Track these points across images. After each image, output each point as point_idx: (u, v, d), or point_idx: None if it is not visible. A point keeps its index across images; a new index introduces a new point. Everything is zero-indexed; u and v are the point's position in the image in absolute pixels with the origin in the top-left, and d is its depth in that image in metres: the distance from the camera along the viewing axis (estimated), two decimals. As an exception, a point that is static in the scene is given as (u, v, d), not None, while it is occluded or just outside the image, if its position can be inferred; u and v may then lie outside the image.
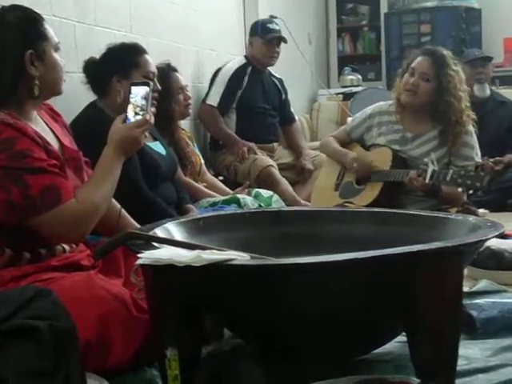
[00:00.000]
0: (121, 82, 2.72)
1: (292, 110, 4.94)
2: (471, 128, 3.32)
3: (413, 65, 3.29)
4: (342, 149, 3.56)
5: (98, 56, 2.83)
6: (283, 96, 4.83)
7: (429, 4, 7.07)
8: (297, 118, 5.50)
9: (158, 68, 3.45)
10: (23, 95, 1.95)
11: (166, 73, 3.50)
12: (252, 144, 4.37)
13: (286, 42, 4.69)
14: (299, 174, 4.57)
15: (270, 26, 4.63)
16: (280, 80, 4.85)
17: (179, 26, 4.27)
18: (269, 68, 4.75)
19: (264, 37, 4.56)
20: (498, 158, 3.57)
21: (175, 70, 3.57)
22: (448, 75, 3.24)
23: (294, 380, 1.76)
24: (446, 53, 3.34)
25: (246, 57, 4.65)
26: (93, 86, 2.82)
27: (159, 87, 2.80)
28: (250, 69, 4.57)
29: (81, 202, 1.90)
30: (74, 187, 1.95)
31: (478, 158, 3.32)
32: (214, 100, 4.43)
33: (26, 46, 1.93)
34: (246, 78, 4.55)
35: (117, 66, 2.75)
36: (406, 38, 6.94)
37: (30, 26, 1.96)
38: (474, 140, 3.33)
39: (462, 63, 4.67)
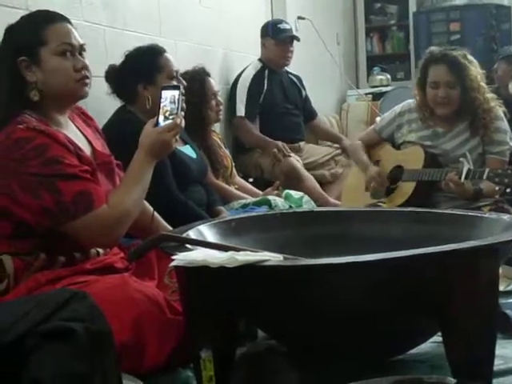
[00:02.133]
0: (147, 89, 2.72)
1: (313, 105, 4.91)
2: (501, 113, 3.29)
3: (432, 79, 3.26)
4: (365, 160, 3.53)
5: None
6: (303, 93, 4.82)
7: (458, 2, 7.01)
8: (325, 118, 5.51)
9: (193, 72, 3.46)
10: (45, 102, 1.96)
11: (202, 78, 3.49)
12: (281, 143, 4.37)
13: (298, 40, 4.65)
14: (346, 155, 4.55)
15: (281, 26, 4.61)
16: (298, 77, 4.83)
17: (207, 28, 4.28)
18: (286, 68, 4.72)
19: (276, 37, 4.54)
20: None
21: (209, 75, 3.56)
22: (468, 75, 3.21)
23: (329, 381, 1.76)
24: (455, 53, 3.30)
25: (260, 60, 4.61)
26: (119, 96, 2.82)
27: (184, 83, 2.76)
28: (266, 72, 4.55)
29: (112, 208, 1.91)
30: (106, 192, 1.96)
31: None
32: (240, 111, 4.43)
33: (18, 52, 1.94)
34: (266, 82, 4.53)
35: (139, 73, 2.73)
36: (435, 36, 6.88)
37: (24, 31, 1.97)
38: (505, 124, 3.29)
39: (496, 60, 4.66)
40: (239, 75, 4.53)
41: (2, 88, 1.94)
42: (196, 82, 3.41)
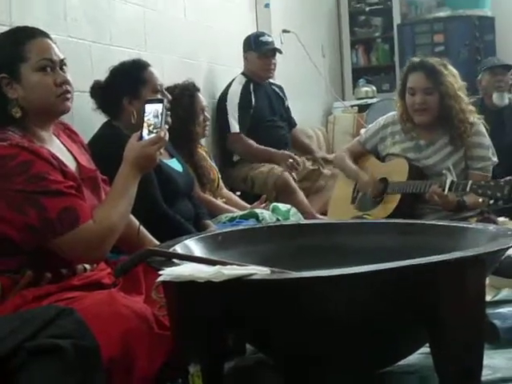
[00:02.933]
0: (132, 103, 2.73)
1: (299, 110, 4.96)
2: (482, 128, 3.31)
3: (410, 85, 3.28)
4: (354, 168, 3.55)
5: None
6: (286, 103, 4.84)
7: (442, 14, 7.07)
8: (312, 131, 5.53)
9: (183, 86, 3.47)
10: (27, 118, 1.95)
11: (191, 93, 3.50)
12: (288, 152, 4.42)
13: (281, 52, 4.67)
14: (321, 165, 4.57)
15: (263, 38, 4.62)
16: (280, 87, 4.85)
17: (193, 42, 4.29)
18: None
19: (258, 50, 4.56)
20: None
21: (198, 90, 3.56)
22: (445, 82, 3.24)
23: (317, 394, 1.75)
24: (433, 60, 3.34)
25: (244, 74, 4.62)
26: (104, 111, 2.82)
27: (169, 97, 2.78)
28: (252, 86, 4.56)
29: (98, 223, 1.91)
30: (92, 207, 1.95)
31: (495, 158, 3.31)
32: (235, 127, 4.44)
33: None
34: (253, 96, 4.54)
35: (124, 87, 2.74)
36: (419, 48, 6.92)
37: (2, 49, 1.97)
38: (487, 140, 3.31)
39: (480, 71, 4.69)
40: (226, 91, 4.53)
41: None
42: (185, 97, 3.42)
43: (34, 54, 1.97)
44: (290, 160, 4.34)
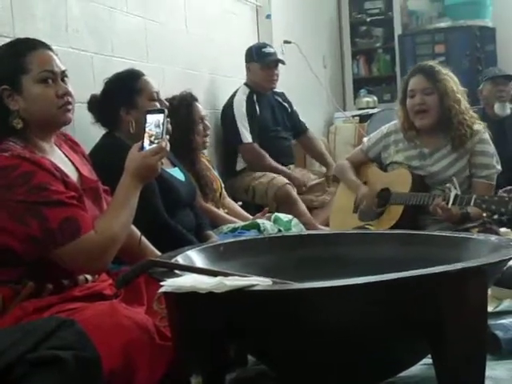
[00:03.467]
0: (130, 113, 2.73)
1: (301, 119, 4.92)
2: (487, 136, 3.31)
3: (410, 88, 3.29)
4: (353, 179, 3.55)
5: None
6: (289, 110, 4.83)
7: (442, 24, 7.08)
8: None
9: (181, 97, 3.48)
10: (28, 129, 1.96)
11: (188, 103, 3.51)
12: (302, 180, 4.48)
13: (283, 63, 4.68)
14: (328, 184, 4.58)
15: (265, 50, 4.64)
16: (282, 94, 4.84)
17: (194, 53, 4.30)
18: None
19: (260, 61, 4.57)
20: None
21: (196, 100, 3.58)
22: (443, 80, 3.25)
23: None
24: (432, 63, 3.36)
25: (246, 84, 4.62)
26: (103, 124, 2.83)
27: (166, 103, 2.80)
28: (255, 96, 4.57)
29: (100, 233, 1.91)
30: (93, 217, 1.96)
31: (499, 166, 3.31)
32: (247, 137, 4.44)
33: (0, 81, 1.94)
34: (257, 107, 4.56)
35: (120, 98, 2.75)
36: (420, 58, 6.89)
37: (5, 60, 1.97)
38: (491, 148, 3.31)
39: (482, 81, 4.70)
40: (231, 100, 4.53)
41: None
42: (183, 107, 3.43)
43: (35, 66, 1.97)
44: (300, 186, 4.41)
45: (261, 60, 4.57)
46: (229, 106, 4.52)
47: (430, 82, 3.25)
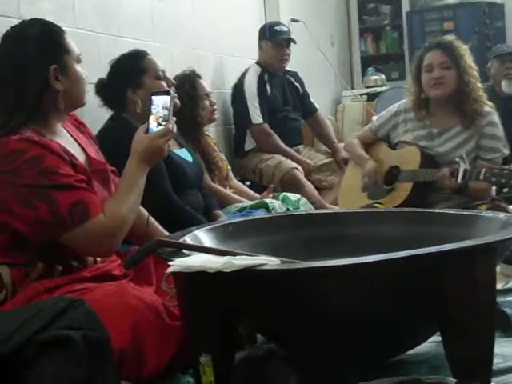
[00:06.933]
0: (136, 93, 2.73)
1: (312, 100, 4.89)
2: (496, 118, 3.28)
3: (426, 62, 3.26)
4: (363, 154, 3.53)
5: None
6: (300, 90, 4.80)
7: (451, 1, 7.02)
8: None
9: (183, 75, 3.49)
10: (48, 110, 1.96)
11: (191, 79, 3.52)
12: (310, 162, 4.47)
13: (295, 42, 4.65)
14: (339, 168, 4.56)
15: (278, 28, 4.61)
16: (294, 74, 4.81)
17: (201, 33, 4.28)
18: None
19: (273, 40, 4.54)
20: None
21: (199, 77, 3.58)
22: (462, 57, 3.23)
23: None
24: (450, 38, 3.33)
25: (258, 63, 4.61)
26: (111, 106, 2.83)
27: (173, 81, 2.81)
28: (266, 76, 4.55)
29: (109, 216, 1.90)
30: (102, 200, 1.95)
31: (506, 150, 3.29)
32: (257, 117, 4.42)
33: (50, 60, 1.93)
34: (268, 86, 4.54)
35: (126, 78, 2.75)
36: (429, 35, 6.86)
37: (51, 40, 1.96)
38: (500, 131, 3.29)
39: (490, 58, 4.67)
40: (241, 80, 4.51)
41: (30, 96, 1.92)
42: (186, 84, 3.43)
43: (72, 47, 2.00)
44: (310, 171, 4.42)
45: (272, 38, 4.54)
46: (239, 85, 4.50)
47: (448, 57, 3.22)
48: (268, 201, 3.27)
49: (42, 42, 1.95)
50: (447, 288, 1.56)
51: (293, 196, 3.49)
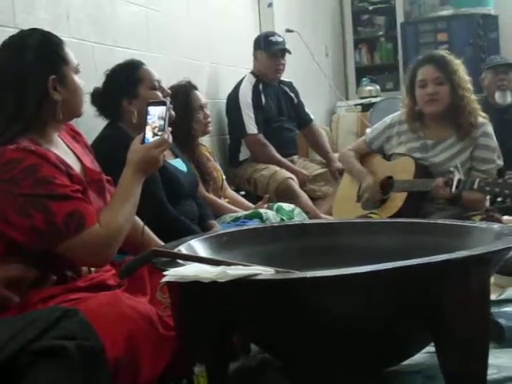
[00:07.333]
0: (131, 103, 2.73)
1: (307, 110, 4.90)
2: (490, 129, 3.29)
3: (420, 78, 3.27)
4: (361, 169, 3.53)
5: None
6: (295, 100, 4.81)
7: (445, 12, 7.06)
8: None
9: (179, 85, 3.49)
10: (46, 120, 1.96)
11: (187, 91, 3.52)
12: (301, 174, 4.46)
13: (290, 53, 4.66)
14: (334, 178, 4.56)
15: (273, 38, 4.62)
16: (289, 84, 4.83)
17: (196, 43, 4.29)
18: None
19: (267, 50, 4.55)
20: None
21: (195, 88, 3.59)
22: (456, 71, 3.24)
23: (322, 394, 1.75)
24: (443, 52, 3.34)
25: (253, 73, 4.61)
26: (106, 115, 2.83)
27: (169, 91, 2.81)
28: (261, 85, 4.56)
29: (104, 226, 1.90)
30: (97, 210, 1.95)
31: (500, 161, 3.30)
32: (252, 127, 4.43)
33: (49, 70, 1.93)
34: (263, 96, 4.55)
35: (121, 89, 2.75)
36: (423, 47, 6.91)
37: (50, 50, 1.97)
38: (494, 142, 3.30)
39: (483, 69, 4.69)
40: (236, 89, 4.52)
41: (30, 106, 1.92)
42: (181, 95, 3.43)
43: (70, 57, 2.00)
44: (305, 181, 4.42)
45: (267, 48, 4.55)
46: (234, 95, 4.50)
47: (441, 72, 3.23)
48: (262, 211, 3.27)
49: (41, 52, 1.95)
50: (441, 298, 1.56)
51: (287, 206, 3.49)
